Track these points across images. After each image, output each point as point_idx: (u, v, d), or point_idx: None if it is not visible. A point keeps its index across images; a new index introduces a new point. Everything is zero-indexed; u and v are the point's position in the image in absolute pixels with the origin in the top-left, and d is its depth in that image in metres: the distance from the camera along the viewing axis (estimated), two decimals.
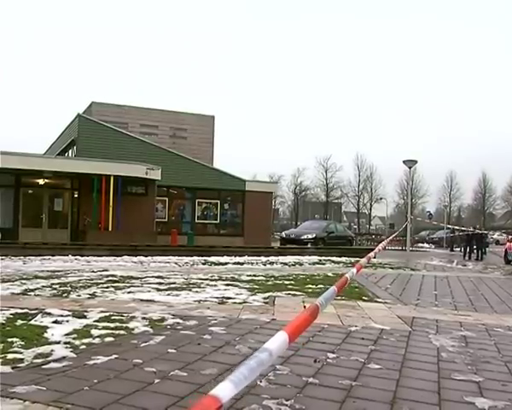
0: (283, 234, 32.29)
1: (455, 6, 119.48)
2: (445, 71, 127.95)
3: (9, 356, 3.77)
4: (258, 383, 3.35)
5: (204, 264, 15.89)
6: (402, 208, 79.60)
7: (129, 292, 7.74)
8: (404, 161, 28.11)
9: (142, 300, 6.97)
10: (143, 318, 5.45)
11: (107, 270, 12.05)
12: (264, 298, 7.54)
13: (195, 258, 18.15)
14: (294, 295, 8.11)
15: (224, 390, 1.23)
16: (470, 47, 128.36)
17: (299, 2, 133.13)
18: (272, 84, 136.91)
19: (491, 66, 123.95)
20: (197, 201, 32.03)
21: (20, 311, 5.72)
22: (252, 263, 16.65)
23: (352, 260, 19.50)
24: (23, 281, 9.19)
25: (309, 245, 27.48)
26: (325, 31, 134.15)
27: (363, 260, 4.77)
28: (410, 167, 28.73)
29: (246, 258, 19.03)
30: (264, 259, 18.79)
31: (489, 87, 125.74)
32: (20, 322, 5.10)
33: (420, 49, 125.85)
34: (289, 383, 3.44)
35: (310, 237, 28.93)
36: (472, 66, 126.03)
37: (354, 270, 3.84)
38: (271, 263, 16.90)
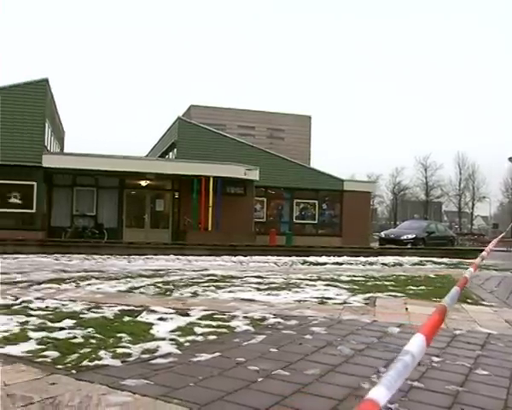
0: (382, 234, 31.76)
1: None
2: None
3: (119, 350, 3.91)
4: (362, 384, 3.31)
5: (303, 264, 15.88)
6: (507, 208, 76.44)
7: (229, 291, 7.84)
8: (509, 158, 27.00)
9: (242, 299, 7.05)
10: (245, 317, 5.51)
11: (207, 269, 12.27)
12: (365, 299, 7.43)
13: (294, 258, 18.14)
14: (395, 296, 7.95)
15: (380, 394, 1.24)
16: None
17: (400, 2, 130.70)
18: (371, 83, 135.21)
19: None
20: (295, 201, 32.07)
21: (126, 308, 5.92)
22: (351, 263, 16.48)
23: (454, 260, 18.93)
24: (128, 279, 9.51)
25: (409, 245, 26.91)
26: (427, 28, 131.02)
27: (478, 260, 4.60)
28: None
29: (344, 258, 18.85)
30: (363, 259, 18.54)
31: None
32: (127, 318, 5.28)
33: None
34: None
35: (410, 237, 28.32)
36: None
37: (472, 269, 3.71)
38: (371, 264, 16.66)
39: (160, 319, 5.27)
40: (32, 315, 5.29)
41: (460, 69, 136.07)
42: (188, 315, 5.53)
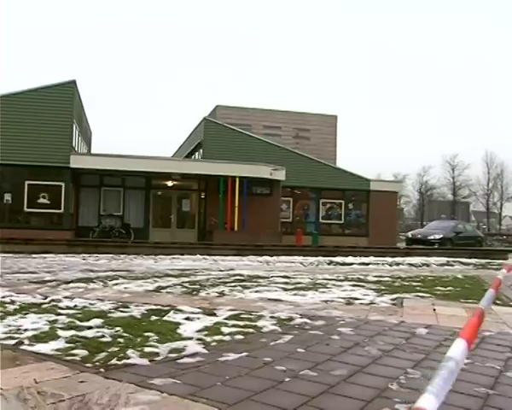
0: (409, 234, 31.51)
1: None
2: None
3: (146, 350, 3.93)
4: (389, 386, 3.28)
5: (329, 264, 15.84)
6: None
7: (256, 291, 7.85)
8: None
9: (269, 299, 7.05)
10: (271, 317, 5.51)
11: (233, 269, 12.30)
12: (392, 299, 7.39)
13: (320, 258, 18.11)
14: (423, 297, 7.89)
15: (429, 403, 1.24)
16: None
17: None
18: (397, 82, 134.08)
19: None
20: (321, 201, 31.98)
21: (153, 307, 5.97)
22: (377, 264, 16.39)
23: (483, 261, 18.70)
24: (155, 279, 9.57)
25: (436, 246, 26.68)
26: (453, 24, 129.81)
27: (511, 261, 4.55)
28: None
29: (371, 258, 18.75)
30: (389, 259, 18.43)
31: None
32: (154, 318, 5.32)
33: None
34: (421, 387, 3.33)
35: (437, 237, 28.05)
36: None
37: (504, 270, 3.67)
38: (397, 264, 16.55)
39: (187, 318, 5.29)
40: (61, 314, 5.36)
41: (489, 66, 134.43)
42: (214, 315, 5.55)
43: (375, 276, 11.09)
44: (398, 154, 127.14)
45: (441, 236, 28.06)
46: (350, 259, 18.29)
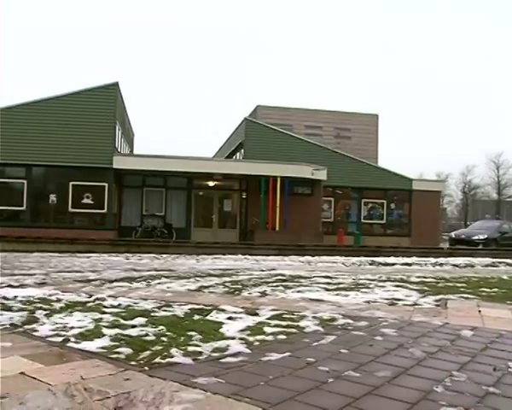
0: (453, 234, 31.07)
1: None
2: None
3: (190, 349, 3.96)
4: (435, 388, 3.23)
5: (371, 264, 15.72)
6: None
7: (298, 291, 7.83)
8: None
9: (311, 299, 7.02)
10: (314, 317, 5.48)
11: (275, 269, 12.30)
12: (436, 301, 7.28)
13: (362, 258, 17.99)
14: (467, 298, 7.74)
15: None
16: None
17: None
18: (440, 80, 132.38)
19: None
20: (363, 200, 31.79)
21: (196, 306, 6.00)
22: (420, 264, 16.21)
23: None
24: (197, 278, 9.63)
25: (480, 246, 26.24)
26: (496, 21, 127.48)
27: None
28: None
29: (413, 259, 18.55)
30: (432, 260, 18.20)
31: None
32: (197, 317, 5.35)
33: None
34: (467, 390, 3.27)
35: (481, 237, 27.61)
36: None
37: None
38: (441, 264, 16.32)
39: (230, 318, 5.30)
40: (105, 312, 5.43)
41: None
42: (257, 315, 5.55)
43: (418, 276, 10.95)
44: (440, 153, 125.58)
45: (486, 236, 27.60)
46: (392, 259, 18.13)
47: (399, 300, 7.24)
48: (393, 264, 15.99)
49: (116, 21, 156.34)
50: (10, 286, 7.65)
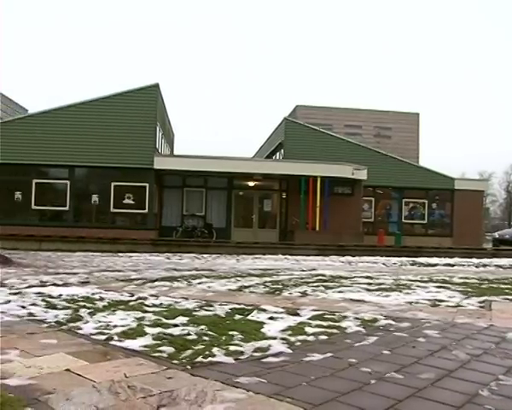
0: (496, 235, 30.55)
1: None
2: None
3: (231, 348, 3.97)
4: (480, 392, 3.18)
5: (412, 265, 15.55)
6: None
7: (339, 291, 7.79)
8: None
9: (352, 299, 6.98)
10: (355, 318, 5.45)
11: (315, 269, 12.26)
12: (480, 302, 7.15)
13: (403, 259, 17.82)
14: None
15: None
16: None
17: None
18: (482, 77, 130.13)
19: None
20: (404, 200, 31.48)
21: (237, 306, 6.02)
22: (463, 265, 15.96)
23: None
24: (238, 278, 9.66)
25: None
26: None
27: None
28: None
29: (456, 259, 18.28)
30: (475, 261, 17.91)
31: None
32: (238, 317, 5.36)
33: None
34: None
35: None
36: None
37: None
38: (484, 265, 16.04)
39: (271, 318, 5.30)
40: (147, 311, 5.48)
41: None
42: (298, 315, 5.54)
43: (461, 277, 10.79)
44: (483, 151, 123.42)
45: None
46: (434, 260, 17.91)
47: (442, 301, 7.13)
48: (435, 264, 15.79)
49: (159, 23, 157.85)
50: (55, 285, 7.79)
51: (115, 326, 4.67)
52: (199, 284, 8.56)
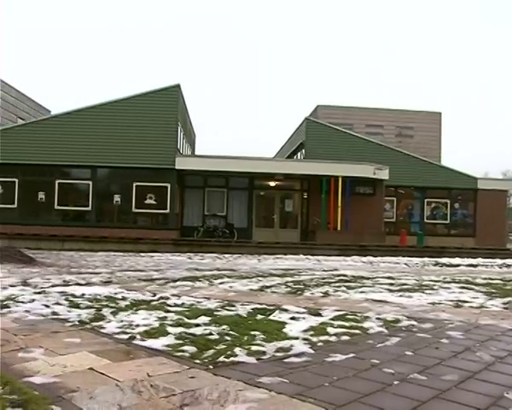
0: None
1: None
2: None
3: (253, 348, 3.97)
4: (505, 394, 3.14)
5: (435, 265, 15.44)
6: None
7: (361, 292, 7.76)
8: None
9: (374, 300, 6.95)
10: (377, 318, 5.42)
11: (337, 269, 12.23)
12: (503, 303, 7.08)
13: (426, 259, 17.71)
14: None
15: None
16: None
17: None
18: (504, 75, 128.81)
19: None
20: (426, 200, 31.22)
21: (259, 306, 6.02)
22: (486, 265, 15.81)
23: None
24: (259, 278, 9.67)
25: None
26: None
27: None
28: None
29: (479, 260, 18.12)
30: (499, 261, 17.72)
31: None
32: (259, 317, 5.36)
33: None
34: None
35: None
36: None
37: None
38: (508, 266, 15.88)
39: (293, 318, 5.30)
40: (169, 311, 5.51)
41: None
42: (320, 315, 5.52)
43: (485, 278, 10.68)
44: (506, 151, 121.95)
45: None
46: (457, 260, 17.78)
47: (465, 302, 7.08)
48: (458, 265, 15.67)
49: (183, 24, 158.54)
50: (78, 284, 7.87)
51: (138, 326, 4.70)
52: (220, 283, 8.58)
